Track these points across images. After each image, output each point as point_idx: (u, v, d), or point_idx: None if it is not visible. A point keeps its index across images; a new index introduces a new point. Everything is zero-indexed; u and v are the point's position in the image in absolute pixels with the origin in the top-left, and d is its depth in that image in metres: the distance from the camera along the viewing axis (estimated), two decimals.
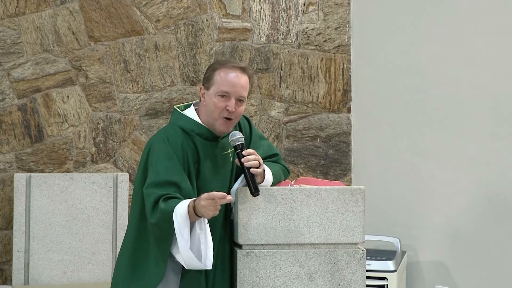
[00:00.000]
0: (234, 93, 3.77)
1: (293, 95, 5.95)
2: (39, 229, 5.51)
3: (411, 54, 5.65)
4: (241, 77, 3.79)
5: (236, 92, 3.77)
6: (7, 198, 5.65)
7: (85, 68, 5.74)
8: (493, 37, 5.21)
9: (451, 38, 5.43)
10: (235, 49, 5.87)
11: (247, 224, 3.72)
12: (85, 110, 5.75)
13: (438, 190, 5.49)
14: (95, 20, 5.74)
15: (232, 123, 3.82)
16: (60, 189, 5.53)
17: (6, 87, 5.67)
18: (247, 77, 3.82)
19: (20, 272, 5.49)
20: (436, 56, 5.52)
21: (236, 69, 3.80)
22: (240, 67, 3.82)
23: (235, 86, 3.77)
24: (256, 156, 3.73)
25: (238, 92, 3.77)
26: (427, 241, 5.54)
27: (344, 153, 5.98)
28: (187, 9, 5.83)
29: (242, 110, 3.81)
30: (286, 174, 3.98)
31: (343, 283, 3.76)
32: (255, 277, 3.72)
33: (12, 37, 5.67)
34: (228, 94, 3.77)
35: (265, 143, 4.01)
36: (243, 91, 3.79)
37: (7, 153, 5.68)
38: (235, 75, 3.79)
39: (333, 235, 3.75)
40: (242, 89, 3.78)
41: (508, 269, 5.11)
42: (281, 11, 5.91)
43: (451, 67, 5.43)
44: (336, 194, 3.76)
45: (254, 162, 3.70)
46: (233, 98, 3.77)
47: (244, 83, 3.79)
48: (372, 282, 5.25)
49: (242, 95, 3.78)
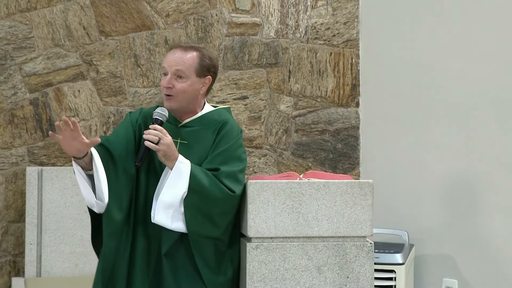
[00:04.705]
0: (169, 68, 3.76)
1: (302, 89, 5.95)
2: (51, 222, 5.51)
3: (419, 49, 5.62)
4: (176, 52, 3.78)
5: (171, 67, 3.76)
6: (19, 191, 5.65)
7: (96, 62, 5.74)
8: (499, 33, 5.19)
9: (458, 33, 5.41)
10: (244, 44, 5.88)
11: (256, 217, 3.73)
12: (96, 104, 5.75)
13: (445, 183, 5.46)
14: (105, 15, 5.74)
15: (175, 99, 3.77)
16: (71, 182, 5.50)
17: (18, 82, 5.68)
18: (192, 53, 3.78)
19: (33, 264, 5.49)
20: (443, 51, 5.49)
21: (176, 48, 3.81)
22: (181, 46, 3.82)
23: (169, 61, 3.77)
24: (159, 133, 3.66)
25: (172, 67, 3.75)
26: (435, 234, 5.51)
27: (353, 147, 5.98)
28: (197, 4, 5.83)
29: (184, 86, 3.77)
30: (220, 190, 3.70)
31: (352, 276, 3.77)
32: (264, 269, 3.74)
33: (24, 32, 5.67)
34: (165, 71, 3.79)
35: (224, 154, 3.80)
36: (177, 66, 3.75)
37: (19, 147, 5.67)
38: (172, 52, 3.80)
39: (341, 228, 3.76)
40: (175, 63, 3.75)
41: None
42: (290, 6, 5.91)
43: (458, 62, 5.41)
44: (344, 187, 3.77)
45: (151, 136, 3.65)
46: (170, 74, 3.76)
47: (178, 58, 3.76)
48: (380, 274, 5.26)
49: (178, 69, 3.75)
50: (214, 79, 3.87)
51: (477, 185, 5.29)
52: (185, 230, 3.70)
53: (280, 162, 5.93)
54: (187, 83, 3.76)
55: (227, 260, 3.80)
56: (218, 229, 3.74)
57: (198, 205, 3.69)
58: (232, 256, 3.81)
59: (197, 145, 3.81)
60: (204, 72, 3.79)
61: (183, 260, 3.75)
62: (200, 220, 3.70)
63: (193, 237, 3.71)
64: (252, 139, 5.90)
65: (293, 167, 5.92)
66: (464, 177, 5.35)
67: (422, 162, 5.61)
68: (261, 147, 5.92)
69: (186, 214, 3.68)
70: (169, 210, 3.68)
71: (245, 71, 5.89)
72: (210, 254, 3.75)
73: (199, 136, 3.82)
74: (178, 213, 3.68)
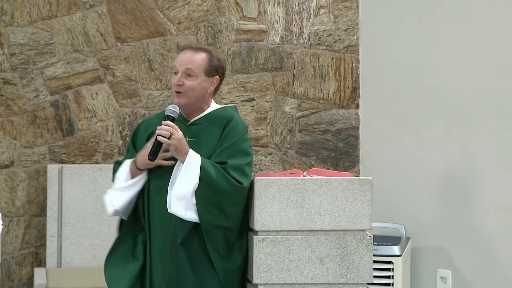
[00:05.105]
0: (180, 67, 3.79)
1: (305, 92, 5.98)
2: (71, 216, 5.60)
3: (416, 54, 5.62)
4: (187, 53, 3.81)
5: (182, 66, 3.79)
6: (41, 187, 5.73)
7: (112, 67, 5.82)
8: (496, 38, 5.18)
9: (453, 39, 5.41)
10: (251, 49, 5.91)
11: (263, 212, 3.77)
12: (113, 106, 5.83)
13: (440, 180, 5.49)
14: (121, 22, 5.80)
15: (184, 96, 3.79)
16: (89, 179, 5.63)
17: (40, 85, 5.75)
18: (201, 54, 3.81)
19: (53, 256, 5.58)
20: (439, 55, 5.50)
21: (187, 49, 3.85)
22: (191, 47, 3.86)
23: (180, 61, 3.80)
24: (171, 128, 3.68)
25: (183, 66, 3.78)
26: (430, 228, 5.52)
27: (353, 146, 5.99)
28: (207, 12, 5.88)
29: (193, 84, 3.78)
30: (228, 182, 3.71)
31: (352, 267, 3.79)
32: (270, 261, 3.77)
33: (45, 38, 5.75)
34: (176, 70, 3.81)
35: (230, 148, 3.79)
36: (187, 65, 3.77)
37: (41, 146, 5.75)
38: (183, 53, 3.83)
39: (342, 222, 3.79)
40: (186, 62, 3.78)
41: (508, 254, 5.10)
42: (294, 13, 5.93)
43: (453, 65, 5.40)
44: (345, 184, 3.80)
45: (163, 131, 3.68)
46: (180, 72, 3.79)
47: (188, 58, 3.79)
48: (378, 265, 5.27)
49: (188, 68, 3.77)
50: (222, 80, 3.88)
51: (471, 182, 5.30)
52: (197, 220, 3.71)
53: (285, 160, 5.97)
54: (196, 81, 3.78)
55: (236, 249, 3.81)
56: (228, 219, 3.74)
57: (208, 196, 3.69)
58: (241, 246, 3.83)
59: (205, 141, 3.81)
60: (212, 72, 3.81)
61: (197, 248, 3.76)
62: (211, 211, 3.70)
63: (205, 226, 3.71)
64: (259, 139, 5.92)
65: (297, 165, 5.96)
66: (458, 174, 5.37)
67: (418, 160, 5.60)
68: (267, 146, 5.96)
69: (198, 205, 3.69)
70: (182, 201, 3.68)
71: (252, 75, 5.93)
72: (221, 243, 3.75)
73: (206, 133, 3.82)
74: (190, 204, 3.69)
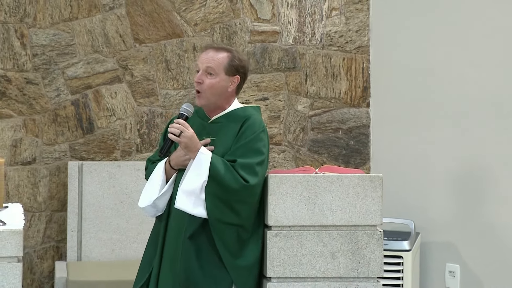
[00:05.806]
0: (201, 65, 3.82)
1: (317, 91, 6.02)
2: (90, 211, 5.64)
3: (424, 55, 5.65)
4: (209, 52, 3.84)
5: (203, 64, 3.82)
6: (62, 183, 5.78)
7: (131, 67, 5.85)
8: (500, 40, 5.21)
9: (460, 40, 5.44)
10: (265, 50, 5.95)
11: (276, 207, 3.82)
12: (131, 105, 5.87)
13: (449, 177, 5.52)
14: (139, 24, 5.84)
15: (203, 96, 3.82)
16: (108, 175, 5.68)
17: (61, 84, 5.78)
18: (223, 53, 3.83)
19: (74, 249, 5.62)
20: (446, 56, 5.52)
21: (210, 48, 3.87)
22: (214, 46, 3.88)
23: (202, 59, 3.83)
24: (181, 126, 3.70)
25: (204, 64, 3.81)
26: (439, 223, 5.55)
27: (364, 143, 6.04)
28: (222, 14, 5.92)
29: (212, 82, 3.80)
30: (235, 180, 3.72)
31: (363, 261, 3.84)
32: (283, 255, 3.81)
33: (66, 40, 5.78)
34: (198, 68, 3.85)
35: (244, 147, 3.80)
36: (208, 63, 3.80)
37: (62, 143, 5.78)
38: (206, 52, 3.86)
39: (353, 218, 3.84)
40: (207, 61, 3.81)
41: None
42: (307, 15, 5.96)
43: (459, 67, 5.43)
44: (356, 181, 3.85)
45: (174, 129, 3.71)
46: (201, 70, 3.82)
47: (209, 57, 3.81)
48: (389, 260, 5.31)
49: (208, 66, 3.80)
50: (244, 80, 3.89)
51: (479, 178, 5.34)
52: (206, 215, 3.72)
53: (298, 158, 6.01)
54: (216, 79, 3.80)
55: (250, 247, 3.82)
56: (238, 217, 3.74)
57: (217, 193, 3.70)
58: (256, 244, 3.83)
59: (223, 139, 3.83)
60: (233, 71, 3.84)
61: (206, 244, 3.77)
62: (220, 207, 3.71)
63: (214, 223, 3.72)
64: (272, 137, 5.94)
65: (309, 162, 5.99)
66: (467, 171, 5.40)
67: (427, 157, 5.63)
68: (280, 144, 5.99)
69: (207, 201, 3.71)
70: (191, 197, 3.70)
71: (266, 75, 5.97)
72: (231, 240, 3.76)
73: (225, 131, 3.85)
74: (199, 200, 3.70)
